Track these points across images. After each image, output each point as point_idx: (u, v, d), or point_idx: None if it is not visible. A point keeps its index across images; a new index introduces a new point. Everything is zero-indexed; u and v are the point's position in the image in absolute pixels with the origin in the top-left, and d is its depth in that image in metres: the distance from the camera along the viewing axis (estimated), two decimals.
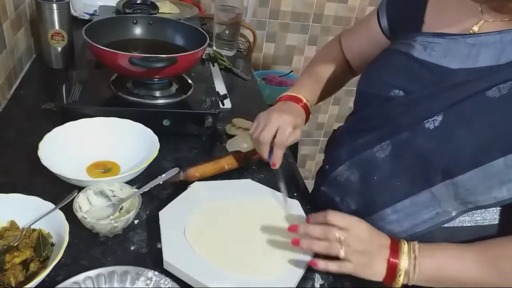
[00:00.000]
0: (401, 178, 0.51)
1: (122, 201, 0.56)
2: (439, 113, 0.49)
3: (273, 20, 1.63)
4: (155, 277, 0.46)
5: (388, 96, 0.54)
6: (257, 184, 0.64)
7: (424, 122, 0.49)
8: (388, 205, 0.52)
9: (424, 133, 0.49)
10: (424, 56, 0.53)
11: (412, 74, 0.53)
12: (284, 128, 0.58)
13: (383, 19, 0.64)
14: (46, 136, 0.61)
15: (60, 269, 0.47)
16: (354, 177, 0.55)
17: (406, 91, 0.53)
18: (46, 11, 0.85)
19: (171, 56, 0.68)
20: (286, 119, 0.59)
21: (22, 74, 0.90)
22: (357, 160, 0.55)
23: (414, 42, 0.54)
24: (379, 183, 0.53)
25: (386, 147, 0.53)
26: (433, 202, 0.50)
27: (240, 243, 0.52)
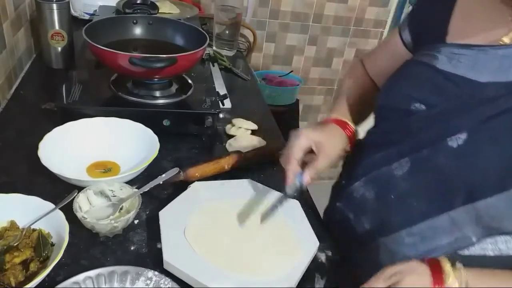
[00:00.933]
0: (419, 198, 0.48)
1: (122, 201, 0.56)
2: (464, 131, 0.45)
3: (273, 20, 1.63)
4: (155, 277, 0.46)
5: (408, 110, 0.51)
6: (257, 184, 0.64)
7: (447, 140, 0.46)
8: (403, 227, 0.48)
9: (446, 152, 0.46)
10: (448, 67, 0.49)
11: (435, 87, 0.49)
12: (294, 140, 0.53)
13: (406, 33, 0.60)
14: (46, 136, 0.61)
15: (60, 269, 0.47)
16: (369, 194, 0.52)
17: (428, 105, 0.49)
18: (46, 11, 0.85)
19: (171, 56, 0.67)
20: (305, 131, 0.54)
21: (22, 74, 0.90)
22: (374, 177, 0.52)
23: (438, 53, 0.50)
24: (395, 202, 0.50)
25: (405, 164, 0.49)
26: (452, 227, 0.46)
27: (240, 243, 0.52)
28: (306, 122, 1.90)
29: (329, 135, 0.56)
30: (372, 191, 0.52)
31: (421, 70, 0.52)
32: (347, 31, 1.71)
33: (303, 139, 0.53)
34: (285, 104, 1.58)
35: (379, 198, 0.51)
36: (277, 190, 0.62)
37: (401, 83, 0.54)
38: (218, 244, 0.51)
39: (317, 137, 0.54)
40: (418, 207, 0.48)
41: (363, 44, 1.76)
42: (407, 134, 0.50)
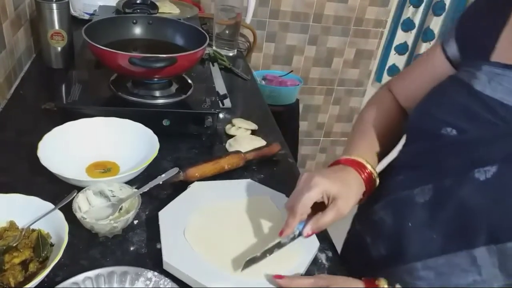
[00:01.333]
0: (438, 230, 0.44)
1: (122, 201, 0.55)
2: (494, 163, 0.41)
3: (273, 20, 1.63)
4: (154, 277, 0.46)
5: (439, 134, 0.46)
6: (257, 184, 0.63)
7: (474, 171, 0.42)
8: (419, 259, 0.45)
9: (472, 184, 0.42)
10: (487, 90, 0.44)
11: (468, 111, 0.45)
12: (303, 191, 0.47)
13: (452, 48, 0.54)
14: (45, 136, 0.61)
15: (60, 270, 0.47)
16: (388, 218, 0.49)
17: (459, 130, 0.45)
18: (46, 11, 0.85)
19: (171, 56, 0.67)
20: (316, 180, 0.47)
21: (21, 74, 0.90)
22: (394, 200, 0.49)
23: (478, 71, 0.46)
24: (412, 231, 0.46)
25: (427, 192, 0.46)
26: (471, 267, 0.42)
27: (240, 244, 0.52)
28: (306, 122, 1.90)
29: (345, 186, 0.48)
30: (390, 215, 0.49)
31: (456, 89, 0.47)
32: (347, 31, 1.71)
33: (316, 192, 0.46)
34: (285, 104, 1.58)
35: (396, 223, 0.48)
36: (277, 190, 0.62)
37: (433, 104, 0.49)
38: (218, 244, 0.51)
39: (332, 190, 0.47)
40: (436, 239, 0.44)
41: (363, 44, 1.76)
42: (434, 159, 0.47)
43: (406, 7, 1.77)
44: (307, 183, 0.47)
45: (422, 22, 1.84)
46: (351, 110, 1.92)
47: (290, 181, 0.68)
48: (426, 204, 0.46)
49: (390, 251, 0.48)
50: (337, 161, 0.53)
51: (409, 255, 0.46)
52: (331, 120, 1.93)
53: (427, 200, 0.46)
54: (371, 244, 0.51)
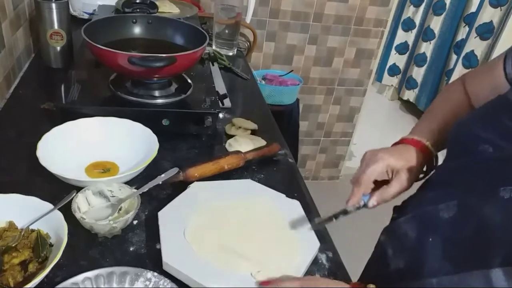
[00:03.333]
0: (457, 248, 0.44)
1: (121, 201, 0.55)
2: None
3: (273, 19, 1.63)
4: (154, 278, 0.46)
5: (476, 150, 0.46)
6: (257, 184, 0.63)
7: (500, 189, 0.41)
8: (435, 275, 0.44)
9: (496, 202, 0.41)
10: None
11: (507, 128, 0.44)
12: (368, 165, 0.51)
13: (510, 64, 0.54)
14: (44, 136, 0.61)
15: (59, 270, 0.47)
16: (411, 232, 0.49)
17: (495, 148, 0.44)
18: (45, 10, 0.85)
19: (170, 55, 0.67)
20: (381, 155, 0.51)
21: (21, 74, 0.90)
22: (419, 215, 0.49)
23: None
24: (432, 246, 0.46)
25: (452, 208, 0.46)
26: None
27: (240, 244, 0.52)
28: (306, 121, 1.90)
29: (407, 161, 0.52)
30: (414, 229, 0.49)
31: (498, 106, 0.47)
32: (348, 30, 1.71)
33: (381, 165, 0.50)
34: (285, 104, 1.58)
35: (419, 238, 0.48)
36: (277, 190, 0.62)
37: (474, 120, 0.49)
38: (218, 244, 0.51)
39: (396, 164, 0.51)
40: (453, 257, 0.44)
41: (364, 43, 1.76)
42: (465, 176, 0.47)
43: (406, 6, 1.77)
44: (372, 157, 0.51)
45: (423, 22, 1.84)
46: (352, 110, 1.92)
47: (290, 181, 0.68)
48: (449, 220, 0.46)
49: (409, 265, 0.48)
50: (400, 140, 0.57)
51: (426, 271, 0.46)
52: (332, 120, 1.93)
53: (451, 216, 0.46)
54: (392, 257, 0.51)
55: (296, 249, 0.52)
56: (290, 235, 0.54)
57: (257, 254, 0.50)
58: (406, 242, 0.50)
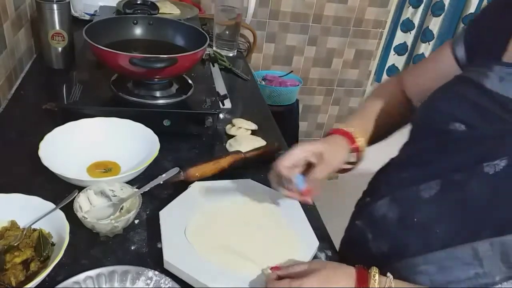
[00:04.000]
0: (442, 224, 0.45)
1: (123, 201, 0.56)
2: (504, 157, 0.41)
3: (273, 21, 1.63)
4: (155, 276, 0.46)
5: (447, 130, 0.47)
6: (257, 184, 0.64)
7: (483, 165, 0.42)
8: (420, 253, 0.45)
9: (481, 178, 0.42)
10: (497, 88, 0.45)
11: (479, 107, 0.46)
12: (292, 150, 0.52)
13: (460, 49, 0.56)
14: (46, 136, 0.61)
15: (61, 269, 0.47)
16: (392, 214, 0.49)
17: (468, 126, 0.46)
18: (47, 11, 0.85)
19: (171, 56, 0.68)
20: (305, 144, 0.52)
21: (22, 74, 0.90)
22: (399, 197, 0.50)
23: (490, 71, 0.47)
24: (417, 226, 0.47)
25: (434, 187, 0.46)
26: (473, 260, 0.42)
27: (240, 243, 0.52)
28: (306, 122, 1.91)
29: (330, 145, 0.54)
30: (395, 211, 0.49)
31: (465, 87, 0.48)
32: (347, 31, 1.72)
33: (297, 151, 0.52)
34: (285, 104, 1.58)
35: (402, 220, 0.48)
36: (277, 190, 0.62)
37: (442, 100, 0.50)
38: (219, 244, 0.51)
39: (316, 148, 0.52)
40: (440, 233, 0.45)
41: (363, 44, 1.76)
42: (441, 155, 0.47)
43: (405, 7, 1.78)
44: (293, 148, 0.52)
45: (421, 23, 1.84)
46: (351, 110, 1.93)
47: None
48: (432, 198, 0.46)
49: (392, 248, 0.48)
50: (329, 133, 0.58)
51: (410, 250, 0.47)
52: (331, 120, 1.93)
53: (433, 194, 0.46)
54: (372, 240, 0.52)
55: (295, 248, 0.52)
56: (289, 234, 0.55)
57: (257, 253, 0.51)
58: (386, 225, 0.50)
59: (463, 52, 0.55)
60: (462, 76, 0.51)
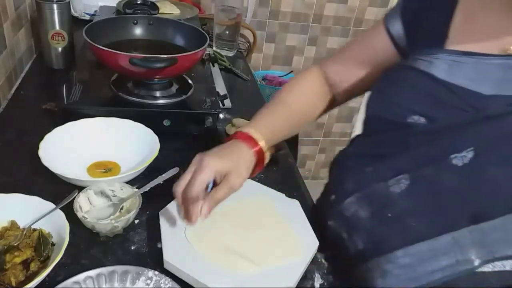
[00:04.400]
0: (418, 218, 0.44)
1: (123, 201, 0.56)
2: (470, 148, 0.41)
3: (273, 21, 1.63)
4: (155, 276, 0.46)
5: (405, 123, 0.46)
6: (257, 183, 0.64)
7: (451, 157, 0.42)
8: (399, 247, 0.45)
9: (451, 170, 0.42)
10: (447, 77, 0.45)
11: (435, 98, 0.45)
12: (197, 174, 0.47)
13: (396, 25, 0.54)
14: (46, 136, 0.61)
15: (61, 269, 0.47)
16: (363, 212, 0.48)
17: (428, 118, 0.45)
18: (47, 11, 0.85)
19: (171, 56, 0.68)
20: (207, 160, 0.48)
21: (22, 74, 0.90)
22: (368, 194, 0.48)
23: (436, 59, 0.46)
24: (392, 221, 0.46)
25: (404, 182, 0.45)
26: (454, 248, 0.42)
27: (240, 243, 0.52)
28: None
29: (236, 161, 0.49)
30: (367, 209, 0.48)
31: (417, 79, 0.47)
32: (347, 31, 1.72)
33: (208, 173, 0.47)
34: None
35: (375, 216, 0.47)
36: (277, 190, 0.62)
37: (396, 92, 0.49)
38: (219, 243, 0.51)
39: (223, 168, 0.48)
40: (417, 227, 0.44)
41: None
42: (404, 148, 0.46)
43: None
44: (200, 164, 0.48)
45: None
46: (351, 110, 1.93)
47: (290, 181, 0.69)
48: (404, 193, 0.45)
49: (369, 244, 0.47)
50: (233, 135, 0.54)
51: (389, 245, 0.46)
52: (331, 120, 1.93)
53: (404, 189, 0.45)
54: (347, 239, 0.50)
55: (295, 248, 0.52)
56: (289, 234, 0.55)
57: (257, 253, 0.51)
58: (359, 223, 0.49)
59: (400, 27, 0.53)
60: (410, 66, 0.49)
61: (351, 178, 0.51)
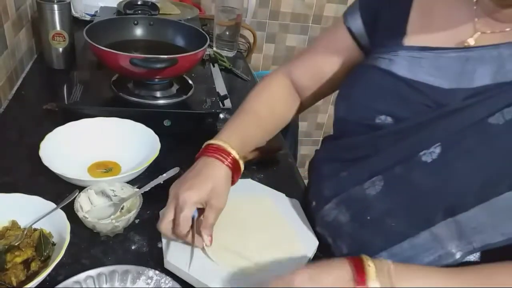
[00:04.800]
0: (396, 218, 0.44)
1: (123, 200, 0.56)
2: (437, 144, 0.42)
3: (273, 21, 1.64)
4: (156, 276, 0.47)
5: (373, 124, 0.46)
6: (257, 183, 0.64)
7: (420, 155, 0.42)
8: (383, 249, 0.45)
9: (421, 167, 0.42)
10: (408, 74, 0.45)
11: (399, 97, 0.45)
12: (180, 214, 0.46)
13: (356, 22, 0.53)
14: (47, 136, 0.62)
15: (61, 269, 0.48)
16: (344, 217, 0.48)
17: (395, 117, 0.45)
18: (47, 11, 0.85)
19: (171, 56, 0.68)
20: (185, 196, 0.46)
21: (23, 75, 0.90)
22: (345, 198, 0.48)
23: (395, 56, 0.46)
24: (372, 223, 0.46)
25: (378, 183, 0.45)
26: (434, 244, 0.43)
27: (240, 243, 0.52)
28: (306, 122, 1.91)
29: (211, 185, 0.48)
30: (346, 213, 0.48)
31: (379, 78, 0.47)
32: None
33: (188, 210, 0.46)
34: None
35: (355, 220, 0.47)
36: (277, 190, 0.62)
37: (360, 94, 0.48)
38: (218, 243, 0.51)
39: (201, 199, 0.47)
40: (396, 227, 0.44)
41: None
42: (375, 150, 0.46)
43: None
44: (177, 203, 0.47)
45: None
46: None
47: (290, 181, 0.69)
48: (379, 195, 0.45)
49: (353, 248, 0.47)
50: (204, 151, 0.52)
51: (373, 247, 0.46)
52: (331, 120, 1.92)
53: (379, 191, 0.45)
54: (333, 245, 0.51)
55: (295, 248, 0.52)
56: (289, 234, 0.55)
57: (257, 253, 0.51)
58: (341, 228, 0.49)
59: (360, 25, 0.53)
60: (371, 65, 0.49)
61: (328, 184, 0.51)
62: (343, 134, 0.52)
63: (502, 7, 0.41)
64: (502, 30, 0.42)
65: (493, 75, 0.41)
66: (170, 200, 0.48)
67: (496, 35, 0.42)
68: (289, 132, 1.49)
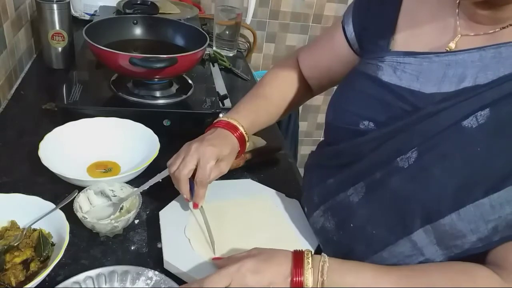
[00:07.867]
0: (376, 225, 0.44)
1: (123, 200, 0.56)
2: (413, 149, 0.41)
3: (273, 21, 1.63)
4: (155, 276, 0.46)
5: (357, 130, 0.47)
6: (257, 184, 0.64)
7: (398, 160, 0.42)
8: (366, 257, 0.45)
9: (398, 173, 0.42)
10: (393, 79, 0.45)
11: (382, 103, 0.45)
12: (205, 163, 0.50)
13: (349, 27, 0.54)
14: (46, 136, 0.61)
15: (61, 269, 0.48)
16: (329, 224, 0.49)
17: (376, 123, 0.45)
18: (47, 11, 0.85)
19: (171, 56, 0.68)
20: (208, 150, 0.50)
21: (22, 74, 0.90)
22: (331, 205, 0.49)
23: (381, 62, 0.47)
24: (355, 231, 0.46)
25: (360, 190, 0.45)
26: (414, 251, 0.42)
27: (240, 243, 0.52)
28: (306, 122, 1.91)
29: (227, 148, 0.52)
30: (332, 220, 0.48)
31: (366, 84, 0.47)
32: None
33: (213, 160, 0.50)
34: None
35: (339, 228, 0.48)
36: (277, 190, 0.62)
37: (347, 99, 0.49)
38: (218, 243, 0.51)
39: (220, 155, 0.51)
40: (377, 234, 0.44)
41: None
42: (358, 156, 0.46)
43: None
44: (200, 154, 0.50)
45: None
46: None
47: (290, 181, 0.69)
48: (361, 202, 0.45)
49: (338, 256, 0.46)
50: (215, 124, 0.56)
51: (356, 255, 0.46)
52: None
53: (361, 198, 0.45)
54: (323, 250, 0.51)
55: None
56: (289, 234, 0.55)
57: None
58: (327, 235, 0.50)
59: (352, 32, 0.54)
60: (359, 71, 0.50)
61: (316, 190, 0.52)
62: (331, 140, 0.53)
63: (482, 9, 0.41)
64: (486, 33, 0.42)
65: (474, 79, 0.41)
66: (193, 152, 0.51)
67: (480, 38, 0.42)
68: (289, 132, 1.49)
